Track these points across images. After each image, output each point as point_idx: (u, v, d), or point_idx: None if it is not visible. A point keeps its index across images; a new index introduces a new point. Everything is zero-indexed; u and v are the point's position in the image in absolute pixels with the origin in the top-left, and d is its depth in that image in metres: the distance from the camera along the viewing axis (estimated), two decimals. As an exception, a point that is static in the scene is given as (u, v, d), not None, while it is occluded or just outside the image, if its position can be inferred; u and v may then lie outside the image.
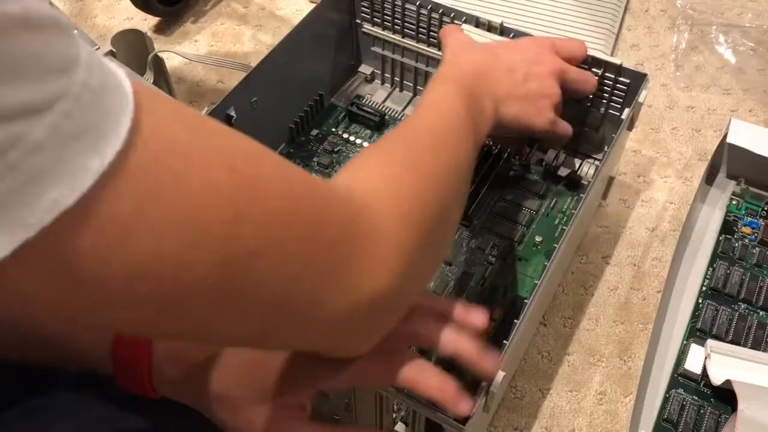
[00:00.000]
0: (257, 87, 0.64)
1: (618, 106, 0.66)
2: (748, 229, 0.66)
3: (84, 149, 0.21)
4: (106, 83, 0.23)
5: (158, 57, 0.73)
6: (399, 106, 0.78)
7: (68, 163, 0.21)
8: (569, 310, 0.64)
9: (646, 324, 0.63)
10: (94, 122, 0.22)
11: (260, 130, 0.67)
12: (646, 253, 0.68)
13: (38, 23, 0.21)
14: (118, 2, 0.93)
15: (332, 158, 0.72)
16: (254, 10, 0.93)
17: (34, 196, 0.20)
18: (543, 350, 0.61)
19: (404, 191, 0.37)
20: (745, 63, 0.85)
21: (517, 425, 0.57)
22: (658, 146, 0.77)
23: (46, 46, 0.21)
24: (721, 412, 0.55)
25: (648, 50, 0.87)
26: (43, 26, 0.21)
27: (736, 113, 0.80)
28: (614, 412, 0.58)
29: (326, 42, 0.73)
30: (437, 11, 0.68)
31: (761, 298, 0.61)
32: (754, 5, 0.92)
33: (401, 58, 0.76)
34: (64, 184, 0.21)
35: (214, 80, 0.84)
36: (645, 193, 0.73)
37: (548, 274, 0.50)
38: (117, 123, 0.23)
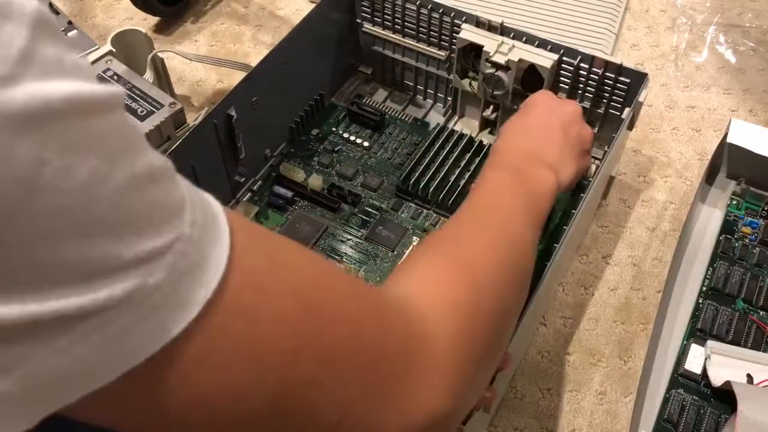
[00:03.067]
0: (257, 87, 0.64)
1: (618, 105, 0.66)
2: (748, 229, 0.66)
3: (192, 283, 0.23)
4: (207, 217, 0.24)
5: (158, 57, 0.73)
6: (399, 105, 0.78)
7: (179, 297, 0.22)
8: (569, 310, 0.64)
9: (646, 324, 0.63)
10: (202, 256, 0.23)
11: (260, 129, 0.67)
12: (646, 253, 0.68)
13: (159, 176, 0.22)
14: (118, 2, 0.93)
15: (332, 158, 0.72)
16: (254, 10, 0.93)
17: (147, 330, 0.22)
18: (543, 350, 0.61)
19: (461, 303, 0.35)
20: (745, 63, 0.85)
21: (517, 425, 0.57)
22: (659, 146, 0.77)
23: (165, 194, 0.23)
24: (721, 413, 0.55)
25: (648, 50, 0.87)
26: (161, 177, 0.23)
27: (736, 113, 0.80)
28: (614, 412, 0.58)
29: (326, 42, 0.73)
30: (437, 11, 0.68)
31: (761, 298, 0.61)
32: (754, 5, 0.92)
33: (402, 57, 0.76)
34: (175, 317, 0.22)
35: (214, 80, 0.84)
36: (645, 193, 0.72)
37: (548, 274, 0.50)
38: (219, 255, 0.24)
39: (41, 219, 0.19)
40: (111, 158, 0.21)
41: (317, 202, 0.68)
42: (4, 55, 0.18)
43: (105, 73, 0.67)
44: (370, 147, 0.73)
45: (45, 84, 0.19)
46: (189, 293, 0.23)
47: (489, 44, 0.65)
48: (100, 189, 0.20)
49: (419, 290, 0.35)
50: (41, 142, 0.19)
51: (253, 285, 0.26)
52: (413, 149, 0.73)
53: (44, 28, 0.19)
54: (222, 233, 0.25)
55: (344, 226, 0.67)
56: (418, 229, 0.67)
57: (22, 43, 0.19)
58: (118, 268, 0.21)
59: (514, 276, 0.41)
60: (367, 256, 0.65)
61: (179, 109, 0.66)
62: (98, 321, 0.21)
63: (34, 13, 0.19)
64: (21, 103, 0.18)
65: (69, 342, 0.20)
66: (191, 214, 0.23)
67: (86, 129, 0.20)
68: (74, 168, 0.19)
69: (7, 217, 0.18)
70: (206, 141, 0.61)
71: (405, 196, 0.69)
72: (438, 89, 0.76)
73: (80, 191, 0.20)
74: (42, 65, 0.19)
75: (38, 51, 0.19)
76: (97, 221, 0.20)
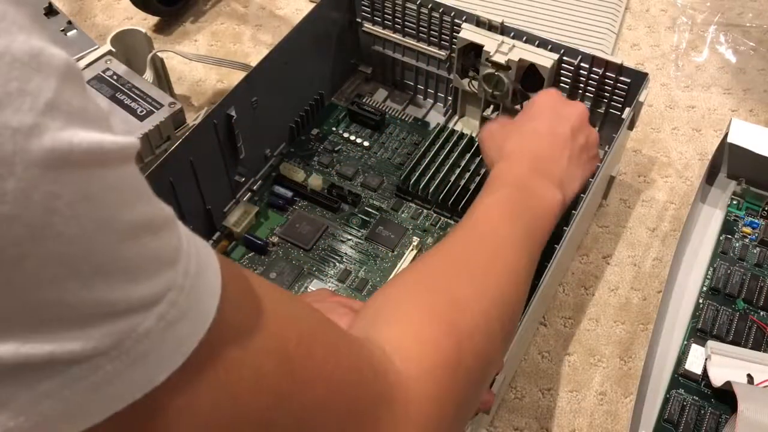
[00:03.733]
0: (257, 87, 0.64)
1: (619, 105, 0.66)
2: (749, 228, 0.66)
3: (180, 333, 0.23)
4: (200, 267, 0.24)
5: (158, 56, 0.73)
6: (399, 105, 0.78)
7: (166, 346, 0.23)
8: (569, 310, 0.64)
9: (646, 324, 0.63)
10: (192, 307, 0.23)
11: (260, 129, 0.67)
12: (646, 253, 0.68)
13: (159, 225, 0.23)
14: (118, 2, 0.93)
15: (332, 157, 0.72)
16: (254, 10, 0.92)
17: (133, 378, 0.22)
18: (543, 350, 0.61)
19: (440, 364, 0.34)
20: (745, 63, 0.85)
21: (517, 425, 0.57)
22: (659, 146, 0.77)
23: (162, 244, 0.23)
24: (721, 413, 0.55)
25: (648, 50, 0.87)
26: (161, 226, 0.23)
27: (736, 113, 0.80)
28: (615, 412, 0.58)
29: (326, 41, 0.73)
30: (438, 10, 0.68)
31: (762, 298, 0.61)
32: (755, 5, 0.91)
33: (402, 57, 0.76)
34: (161, 365, 0.23)
35: (214, 80, 0.84)
36: (645, 193, 0.72)
37: (548, 274, 0.50)
38: (209, 306, 0.24)
39: (43, 264, 0.19)
40: (118, 208, 0.21)
41: (317, 202, 0.68)
42: (30, 105, 0.19)
43: (105, 73, 0.67)
44: (370, 147, 0.73)
45: (68, 133, 0.19)
46: (176, 343, 0.23)
47: (489, 44, 0.65)
48: (103, 237, 0.21)
49: (399, 345, 0.34)
50: (56, 191, 0.19)
51: (239, 340, 0.26)
52: (413, 149, 0.72)
53: (71, 79, 0.20)
54: (214, 284, 0.25)
55: (344, 226, 0.67)
56: (418, 229, 0.67)
57: (49, 95, 0.19)
58: (110, 315, 0.21)
59: (501, 321, 0.40)
60: (367, 256, 0.65)
61: (179, 109, 0.66)
62: (86, 367, 0.21)
63: (62, 65, 0.20)
64: (42, 152, 0.19)
65: (56, 386, 0.20)
66: (185, 264, 0.24)
67: (100, 180, 0.21)
68: (82, 217, 0.20)
69: (14, 261, 0.19)
70: (206, 141, 0.61)
71: (405, 196, 0.69)
72: (438, 89, 0.76)
73: (84, 239, 0.20)
74: (66, 115, 0.20)
75: (63, 102, 0.20)
76: (95, 268, 0.20)
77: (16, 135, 0.18)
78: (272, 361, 0.27)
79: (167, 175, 0.57)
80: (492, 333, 0.38)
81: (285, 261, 0.64)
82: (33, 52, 0.19)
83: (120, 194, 0.21)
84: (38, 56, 0.19)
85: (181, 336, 0.23)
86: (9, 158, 0.18)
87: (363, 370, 0.31)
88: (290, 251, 0.65)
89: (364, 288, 0.63)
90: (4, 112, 0.18)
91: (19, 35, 0.19)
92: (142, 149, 0.64)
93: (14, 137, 0.18)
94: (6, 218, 0.18)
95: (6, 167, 0.18)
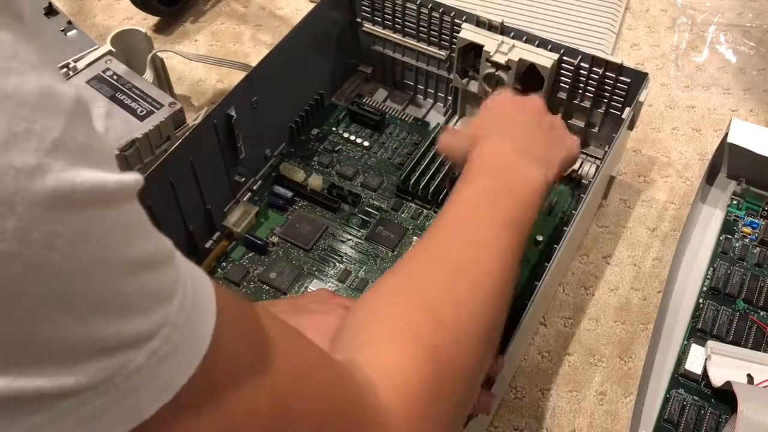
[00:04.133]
0: (257, 87, 0.64)
1: (619, 105, 0.66)
2: (749, 228, 0.66)
3: (172, 368, 0.23)
4: (196, 298, 0.24)
5: (158, 56, 0.73)
6: (399, 105, 0.78)
7: (157, 381, 0.22)
8: (569, 310, 0.64)
9: (646, 324, 0.63)
10: (185, 342, 0.23)
11: (260, 129, 0.67)
12: (646, 253, 0.68)
13: (157, 261, 0.23)
14: (118, 2, 0.93)
15: (332, 157, 0.72)
16: (254, 10, 0.92)
17: (121, 412, 0.22)
18: (543, 350, 0.61)
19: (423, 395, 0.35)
20: (745, 63, 0.85)
21: (517, 425, 0.57)
22: (659, 146, 0.77)
23: (159, 279, 0.23)
24: (721, 413, 0.55)
25: (648, 50, 0.87)
26: (160, 262, 0.23)
27: (736, 113, 0.80)
28: (615, 412, 0.58)
29: (326, 41, 0.73)
30: (438, 10, 0.68)
31: (762, 298, 0.61)
32: (755, 5, 0.91)
33: (402, 57, 0.76)
34: (150, 400, 0.22)
35: (214, 80, 0.84)
36: (645, 193, 0.72)
37: (548, 274, 0.50)
38: (202, 338, 0.24)
39: (40, 302, 0.19)
40: (118, 246, 0.21)
41: (317, 202, 0.68)
42: (36, 146, 0.19)
43: (105, 73, 0.67)
44: (370, 147, 0.73)
45: (72, 173, 0.19)
46: (167, 378, 0.23)
47: (489, 44, 0.65)
48: (101, 275, 0.21)
49: (382, 373, 0.34)
50: (57, 230, 0.19)
51: (231, 376, 0.26)
52: (413, 149, 0.72)
53: (79, 116, 0.20)
54: (208, 316, 0.25)
55: (344, 226, 0.67)
56: (418, 229, 0.67)
57: (57, 134, 0.19)
58: (103, 351, 0.21)
59: (484, 323, 0.39)
60: (367, 256, 0.65)
61: (179, 109, 0.66)
62: (75, 402, 0.21)
63: (71, 103, 0.20)
64: (44, 192, 0.19)
65: (45, 420, 0.20)
66: (181, 299, 0.24)
67: (102, 219, 0.21)
68: (82, 256, 0.20)
69: (11, 298, 0.19)
70: (206, 141, 0.61)
71: (405, 196, 0.69)
72: (438, 89, 0.76)
73: (82, 277, 0.20)
74: (71, 154, 0.20)
75: (69, 140, 0.20)
76: (92, 305, 0.20)
77: (19, 175, 0.18)
78: (264, 397, 0.27)
79: (167, 175, 0.57)
80: (474, 341, 0.38)
81: (285, 261, 0.64)
82: (43, 92, 0.19)
83: (121, 233, 0.21)
84: (48, 96, 0.19)
85: (172, 371, 0.23)
86: (11, 198, 0.18)
87: (352, 402, 0.32)
88: (290, 251, 0.65)
89: (364, 288, 0.63)
90: (9, 152, 0.18)
91: (30, 75, 0.19)
92: (142, 149, 0.64)
93: (17, 177, 0.18)
94: (5, 256, 0.18)
95: (7, 207, 0.18)
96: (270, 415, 0.27)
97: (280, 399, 0.28)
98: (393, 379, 0.34)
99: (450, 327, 0.37)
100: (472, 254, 0.42)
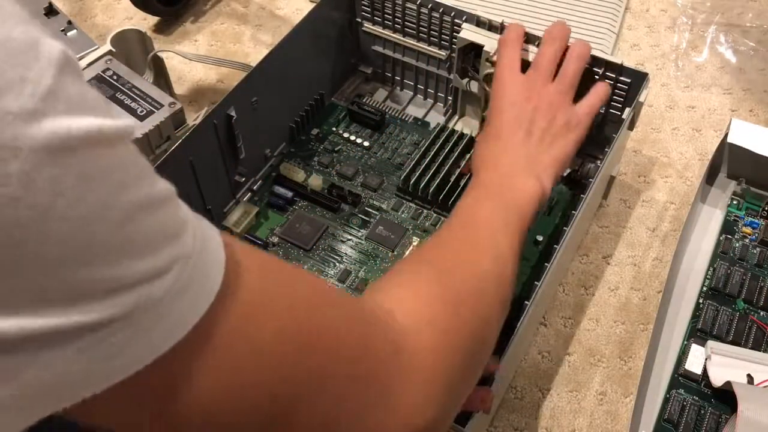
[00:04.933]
0: (257, 87, 0.64)
1: (619, 105, 0.66)
2: (749, 229, 0.66)
3: (187, 303, 0.24)
4: (205, 240, 0.26)
5: (158, 57, 0.73)
6: (399, 105, 0.78)
7: (173, 316, 0.24)
8: (569, 310, 0.64)
9: (646, 324, 0.63)
10: (198, 278, 0.24)
11: (260, 129, 0.67)
12: (646, 253, 0.68)
13: (162, 200, 0.24)
14: (118, 2, 0.93)
15: (332, 157, 0.72)
16: (254, 10, 0.92)
17: (140, 347, 0.23)
18: (543, 350, 0.61)
19: (440, 318, 0.37)
20: (745, 63, 0.85)
21: (517, 425, 0.57)
22: (659, 146, 0.77)
23: (167, 218, 0.24)
24: (721, 413, 0.55)
25: (648, 50, 0.87)
26: (164, 201, 0.24)
27: (736, 113, 0.80)
28: (615, 412, 0.58)
29: (326, 41, 0.73)
30: (438, 10, 0.68)
31: (762, 298, 0.61)
32: (755, 5, 0.91)
33: (402, 57, 0.76)
34: (168, 335, 0.24)
35: (214, 80, 0.84)
36: (645, 193, 0.72)
37: (548, 274, 0.50)
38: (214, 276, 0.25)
39: (49, 245, 0.20)
40: (119, 187, 0.22)
41: (317, 202, 0.68)
42: (31, 92, 0.19)
43: (105, 73, 0.67)
44: (371, 147, 0.73)
45: (67, 120, 0.20)
46: (182, 313, 0.24)
47: (489, 44, 0.65)
48: (107, 216, 0.21)
49: (401, 305, 0.36)
50: (59, 174, 0.20)
51: (245, 307, 0.27)
52: (413, 149, 0.72)
53: (68, 69, 0.21)
54: (218, 256, 0.26)
55: (344, 226, 0.67)
56: (418, 229, 0.67)
57: (49, 82, 0.20)
58: (118, 289, 0.22)
59: (493, 291, 0.42)
60: (367, 256, 0.65)
61: (179, 109, 0.66)
62: (93, 338, 0.21)
63: (60, 55, 0.21)
64: (44, 137, 0.19)
65: (62, 358, 0.21)
66: (191, 237, 0.25)
67: (100, 161, 0.21)
68: (85, 198, 0.21)
69: (18, 242, 0.19)
70: (206, 141, 0.61)
71: (405, 196, 0.69)
72: (438, 89, 0.76)
73: (88, 219, 0.21)
74: (65, 103, 0.20)
75: (62, 90, 0.20)
76: (101, 246, 0.21)
77: (17, 120, 0.19)
78: (282, 324, 0.28)
79: (167, 175, 0.56)
80: (486, 298, 0.41)
81: (285, 261, 0.64)
82: (32, 42, 0.20)
83: (122, 174, 0.22)
84: (37, 47, 0.20)
85: (187, 307, 0.24)
86: (11, 142, 0.19)
87: (370, 327, 0.33)
88: (290, 251, 0.65)
89: (364, 288, 0.63)
90: (5, 97, 0.19)
91: (18, 26, 0.20)
92: (142, 149, 0.64)
93: (15, 122, 0.19)
94: (11, 200, 0.19)
95: (9, 151, 0.19)
96: (288, 342, 0.28)
97: (297, 324, 0.28)
98: (410, 304, 0.36)
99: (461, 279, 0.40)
100: (479, 243, 0.45)
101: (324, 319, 0.30)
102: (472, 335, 0.38)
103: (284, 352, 0.28)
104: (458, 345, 0.36)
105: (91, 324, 0.21)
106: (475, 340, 0.38)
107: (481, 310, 0.40)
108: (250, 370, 0.27)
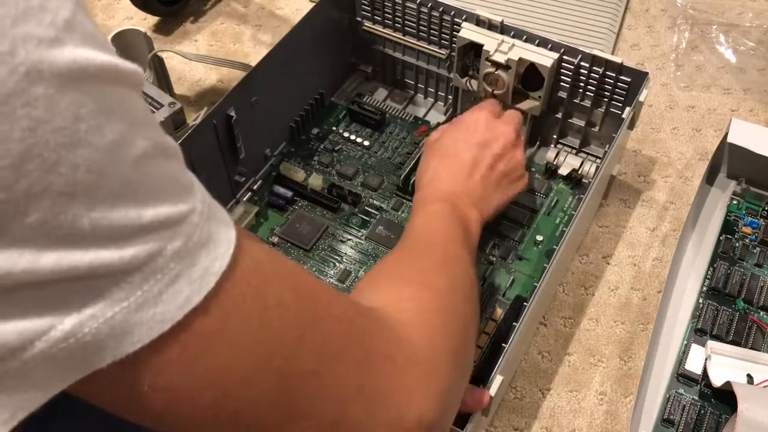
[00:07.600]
0: (257, 86, 0.64)
1: (619, 105, 0.66)
2: (749, 228, 0.66)
3: (208, 254, 0.25)
4: (212, 201, 0.27)
5: (158, 56, 0.73)
6: (399, 104, 0.78)
7: (197, 266, 0.24)
8: (569, 310, 0.64)
9: (646, 324, 0.63)
10: (214, 233, 0.25)
11: (260, 129, 0.67)
12: (646, 253, 0.68)
13: (172, 152, 0.25)
14: (118, 2, 0.93)
15: (333, 157, 0.72)
16: (254, 10, 0.92)
17: (172, 296, 0.24)
18: (543, 350, 0.61)
19: (428, 311, 0.38)
20: (745, 63, 0.85)
21: (517, 426, 0.57)
22: (659, 146, 0.76)
23: (178, 170, 0.25)
24: (721, 413, 0.55)
25: (648, 50, 0.87)
26: (174, 154, 0.25)
27: (736, 113, 0.80)
28: (614, 412, 0.58)
29: (326, 40, 0.73)
30: (437, 9, 0.68)
31: (762, 298, 0.61)
32: (755, 5, 0.91)
33: (402, 56, 0.75)
34: (195, 285, 0.24)
35: (214, 80, 0.84)
36: (645, 193, 0.72)
37: (548, 274, 0.50)
38: (228, 234, 0.26)
39: (77, 171, 0.21)
40: (134, 126, 0.23)
41: (317, 201, 0.68)
42: (51, 21, 0.20)
43: (104, 73, 0.67)
44: (371, 146, 0.73)
45: (85, 51, 0.21)
46: (206, 264, 0.25)
47: (489, 43, 0.65)
48: (126, 151, 0.22)
49: (388, 303, 0.37)
50: (79, 100, 0.21)
51: (259, 271, 0.27)
52: (413, 149, 0.72)
53: (82, 8, 0.22)
54: (227, 220, 0.27)
55: (344, 226, 0.67)
56: (418, 228, 0.67)
57: (67, 14, 0.21)
58: (139, 230, 0.23)
59: (468, 291, 0.43)
60: (367, 256, 0.65)
61: (179, 109, 0.66)
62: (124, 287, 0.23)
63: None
64: (65, 63, 0.20)
65: (99, 307, 0.22)
66: (201, 194, 0.26)
67: (116, 96, 0.22)
68: (104, 128, 0.22)
69: (50, 164, 0.20)
70: (206, 141, 0.61)
71: (405, 196, 0.69)
72: (438, 88, 0.76)
73: (109, 150, 0.22)
74: (82, 35, 0.21)
75: (79, 23, 0.22)
76: (122, 181, 0.22)
77: (41, 44, 0.20)
78: (290, 293, 0.29)
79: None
80: (463, 295, 0.42)
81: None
82: None
83: (135, 115, 0.23)
84: None
85: (209, 258, 0.25)
86: (37, 65, 0.20)
87: (367, 315, 0.34)
88: (290, 251, 0.65)
89: (364, 288, 0.63)
90: (28, 23, 0.20)
91: None
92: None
93: (39, 46, 0.20)
94: (39, 123, 0.20)
95: (36, 72, 0.20)
96: (298, 309, 0.29)
97: (302, 296, 0.29)
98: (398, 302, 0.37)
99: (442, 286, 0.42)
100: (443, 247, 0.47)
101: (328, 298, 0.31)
102: (458, 328, 0.39)
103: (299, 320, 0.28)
104: (449, 337, 0.37)
105: (120, 265, 0.22)
106: (462, 333, 0.40)
107: (459, 308, 0.41)
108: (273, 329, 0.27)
